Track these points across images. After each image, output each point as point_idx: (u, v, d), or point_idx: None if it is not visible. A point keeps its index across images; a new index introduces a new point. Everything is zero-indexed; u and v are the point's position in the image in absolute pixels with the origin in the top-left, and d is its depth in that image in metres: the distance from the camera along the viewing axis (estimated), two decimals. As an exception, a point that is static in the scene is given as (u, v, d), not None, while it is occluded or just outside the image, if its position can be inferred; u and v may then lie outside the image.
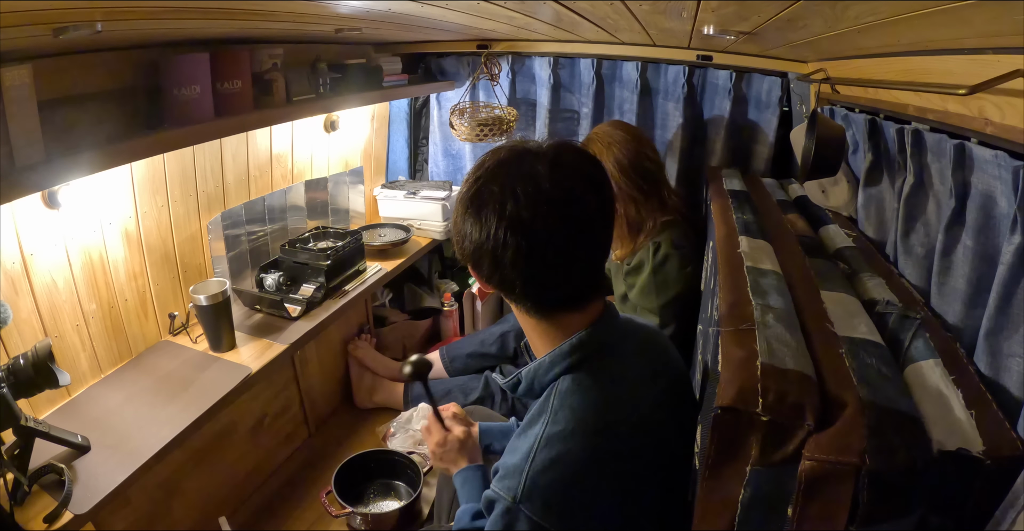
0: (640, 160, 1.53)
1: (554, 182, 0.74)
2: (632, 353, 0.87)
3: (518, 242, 0.74)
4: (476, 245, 0.77)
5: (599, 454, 0.76)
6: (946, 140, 0.94)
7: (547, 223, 0.74)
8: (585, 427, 0.76)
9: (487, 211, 0.75)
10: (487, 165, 0.79)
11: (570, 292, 0.81)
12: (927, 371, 0.75)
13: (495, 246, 0.75)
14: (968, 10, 0.58)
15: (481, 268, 0.80)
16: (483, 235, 0.76)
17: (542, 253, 0.75)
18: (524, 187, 0.74)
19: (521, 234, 0.74)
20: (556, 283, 0.79)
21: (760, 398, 0.63)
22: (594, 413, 0.78)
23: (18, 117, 0.95)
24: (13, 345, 1.20)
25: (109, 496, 1.10)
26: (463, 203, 0.79)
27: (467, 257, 0.81)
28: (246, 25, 1.25)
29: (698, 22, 1.15)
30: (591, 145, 1.58)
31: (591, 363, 0.81)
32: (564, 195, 0.75)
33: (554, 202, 0.74)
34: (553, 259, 0.76)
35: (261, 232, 1.86)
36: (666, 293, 1.51)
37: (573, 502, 0.74)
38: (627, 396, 0.82)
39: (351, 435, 1.95)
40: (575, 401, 0.78)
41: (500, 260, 0.76)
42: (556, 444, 0.75)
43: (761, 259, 1.03)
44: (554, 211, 0.74)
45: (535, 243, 0.74)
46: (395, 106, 2.43)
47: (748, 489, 0.66)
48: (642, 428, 0.81)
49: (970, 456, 0.61)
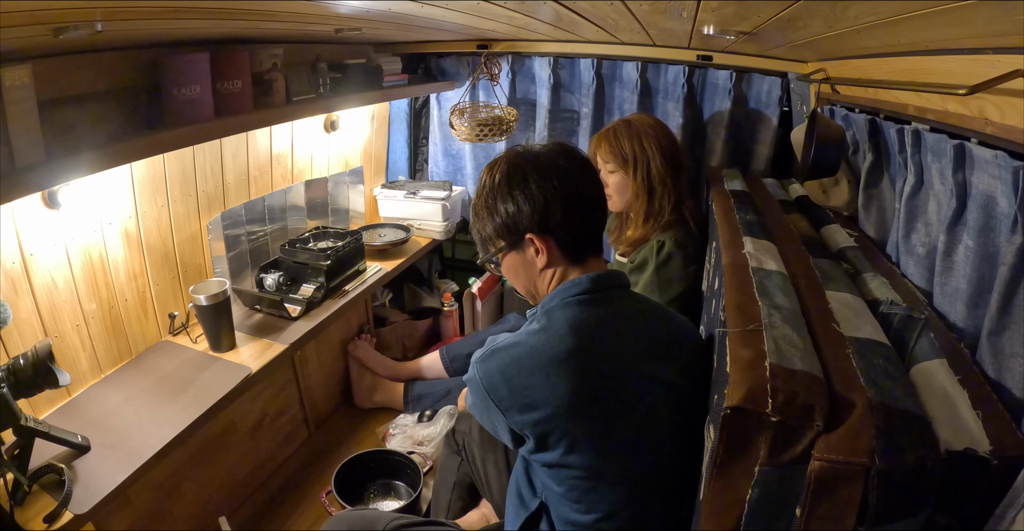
0: (674, 150, 1.57)
1: (565, 158, 0.97)
2: (632, 312, 0.98)
3: (555, 187, 0.93)
4: (516, 213, 0.94)
5: (565, 357, 0.85)
6: (946, 140, 0.94)
7: (569, 178, 0.94)
8: (562, 332, 0.88)
9: (524, 183, 0.94)
10: (499, 165, 0.98)
11: (592, 233, 0.99)
12: (933, 371, 0.75)
13: (540, 199, 0.93)
14: (968, 10, 0.58)
15: (520, 223, 0.95)
16: (526, 198, 0.93)
17: (576, 197, 0.94)
18: (544, 163, 0.95)
19: (558, 181, 0.93)
20: (584, 220, 0.96)
21: (770, 399, 0.63)
22: (579, 327, 0.89)
23: (18, 117, 0.95)
24: (13, 345, 1.20)
25: (109, 496, 1.09)
26: (497, 188, 0.96)
27: (497, 230, 0.98)
28: (246, 25, 1.25)
29: (698, 22, 1.15)
30: (634, 126, 1.59)
31: (591, 297, 0.93)
32: (576, 165, 0.97)
33: (571, 168, 0.96)
34: (580, 202, 0.95)
35: (261, 232, 1.86)
36: (669, 291, 1.52)
37: (515, 381, 0.86)
38: (617, 334, 0.92)
39: (351, 435, 1.95)
40: (567, 313, 0.91)
41: (543, 206, 0.93)
42: (533, 335, 0.89)
43: (766, 260, 1.03)
44: (572, 173, 0.95)
45: (570, 189, 0.93)
46: (395, 106, 2.43)
47: (756, 489, 0.66)
48: (622, 365, 0.90)
49: (977, 456, 0.61)
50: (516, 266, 1.00)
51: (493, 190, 0.96)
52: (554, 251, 0.96)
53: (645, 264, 1.56)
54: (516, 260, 0.99)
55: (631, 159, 1.56)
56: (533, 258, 0.97)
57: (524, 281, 1.02)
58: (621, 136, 1.58)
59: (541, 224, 0.94)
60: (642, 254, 1.58)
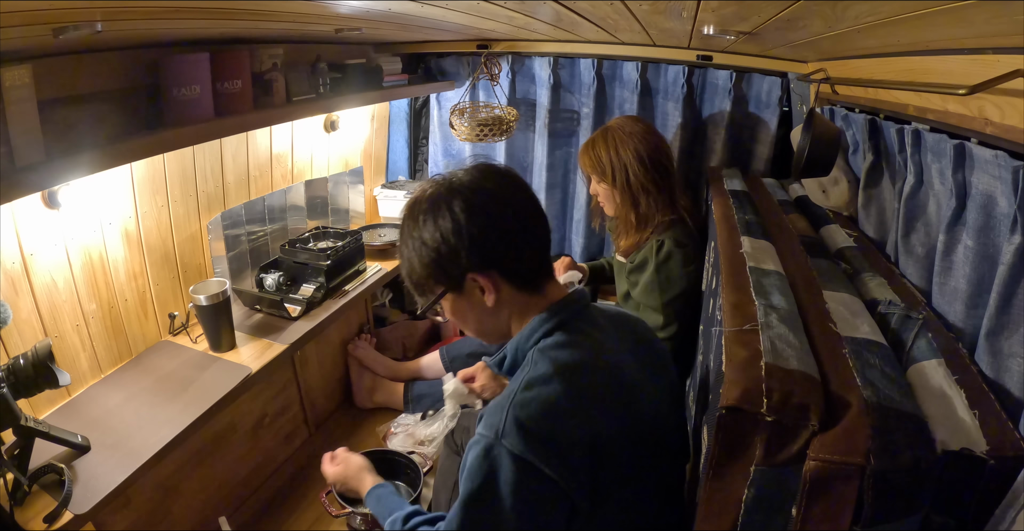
0: (657, 154, 1.55)
1: (492, 180, 0.87)
2: (606, 324, 0.93)
3: (488, 216, 0.83)
4: (449, 253, 0.84)
5: (576, 391, 0.79)
6: (946, 140, 0.94)
7: (502, 201, 0.85)
8: (563, 370, 0.80)
9: (452, 217, 0.83)
10: (420, 201, 0.87)
11: (541, 256, 0.90)
12: (930, 371, 0.75)
13: (471, 231, 0.82)
14: (968, 10, 0.58)
15: (456, 262, 0.84)
16: (457, 234, 0.83)
17: (514, 221, 0.85)
18: (471, 190, 0.85)
19: (491, 208, 0.84)
20: (528, 245, 0.87)
21: (765, 398, 0.63)
22: (572, 363, 0.82)
23: (18, 117, 0.95)
24: (13, 345, 1.20)
25: (109, 496, 1.10)
26: (422, 228, 0.85)
27: (432, 275, 0.87)
28: (246, 25, 1.25)
29: (698, 22, 1.15)
30: (611, 134, 1.59)
31: (568, 325, 0.87)
32: (506, 185, 0.88)
33: (501, 190, 0.87)
34: (519, 226, 0.86)
35: (261, 232, 1.86)
36: (669, 291, 1.52)
37: (551, 435, 0.76)
38: (605, 350, 0.87)
39: (351, 435, 1.95)
40: (554, 352, 0.83)
41: (478, 239, 0.83)
42: (536, 385, 0.79)
43: (763, 259, 1.03)
44: (503, 195, 0.87)
45: (505, 214, 0.85)
46: (395, 106, 2.43)
47: (752, 489, 0.66)
48: (622, 378, 0.86)
49: (974, 456, 0.61)
50: (463, 310, 0.90)
51: (419, 230, 0.85)
52: (503, 286, 0.86)
53: (645, 264, 1.56)
54: (461, 304, 0.89)
55: (609, 169, 1.56)
56: (480, 299, 0.87)
57: (475, 324, 0.93)
58: (598, 147, 1.59)
59: (481, 261, 0.84)
60: (642, 254, 1.58)
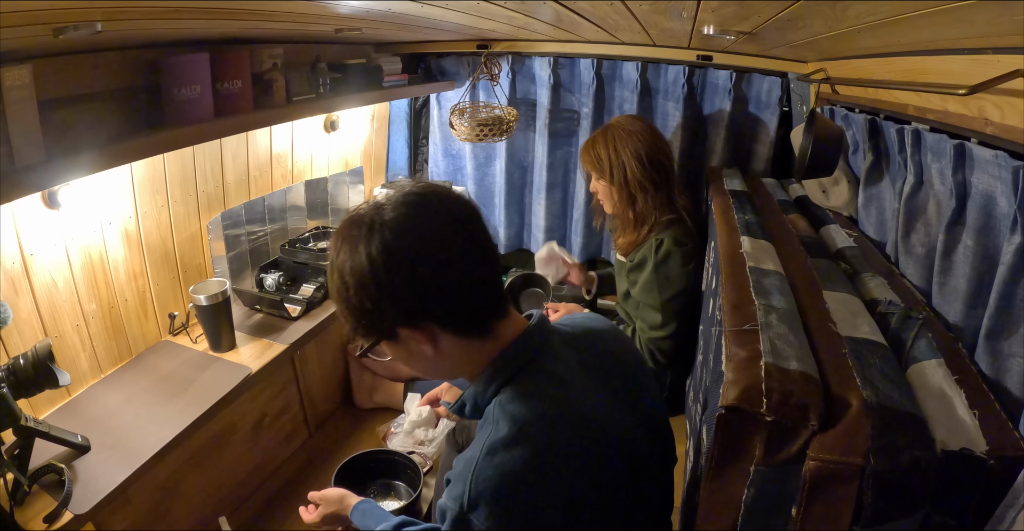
0: (655, 153, 1.56)
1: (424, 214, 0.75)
2: (572, 354, 0.84)
3: (416, 265, 0.72)
4: (373, 310, 0.74)
5: (541, 459, 0.73)
6: (946, 140, 0.94)
7: (433, 243, 0.73)
8: (526, 434, 0.73)
9: (372, 270, 0.72)
10: (340, 242, 0.76)
11: (488, 295, 0.79)
12: (930, 371, 0.75)
13: (393, 285, 0.72)
14: (968, 10, 0.58)
15: (381, 316, 0.75)
16: (380, 290, 0.73)
17: (449, 264, 0.74)
18: (395, 232, 0.72)
19: (418, 254, 0.72)
20: (470, 289, 0.76)
21: (764, 398, 0.63)
22: (535, 419, 0.74)
23: (18, 117, 0.95)
24: (13, 345, 1.20)
25: (109, 496, 1.10)
26: (341, 277, 0.75)
27: (359, 326, 0.77)
28: (246, 25, 1.25)
29: (698, 22, 1.15)
30: (610, 132, 1.60)
31: (527, 372, 0.78)
32: (439, 217, 0.75)
33: (432, 227, 0.74)
34: (458, 271, 0.74)
35: (261, 232, 1.86)
36: (668, 290, 1.53)
37: (519, 509, 0.71)
38: (571, 398, 0.78)
39: (351, 435, 1.95)
40: (515, 409, 0.75)
41: (401, 293, 0.73)
42: (498, 451, 0.72)
43: (763, 259, 1.03)
44: (434, 234, 0.74)
45: (436, 258, 0.73)
46: (395, 106, 2.43)
47: (752, 489, 0.66)
48: (591, 428, 0.78)
49: (974, 456, 0.61)
50: (404, 357, 0.82)
51: (342, 276, 0.75)
52: (441, 337, 0.77)
53: (644, 262, 1.56)
54: (400, 351, 0.81)
55: (607, 167, 1.58)
56: (418, 348, 0.78)
57: (422, 369, 0.85)
58: (598, 145, 1.60)
59: (408, 316, 0.75)
60: (641, 252, 1.58)
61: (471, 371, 0.82)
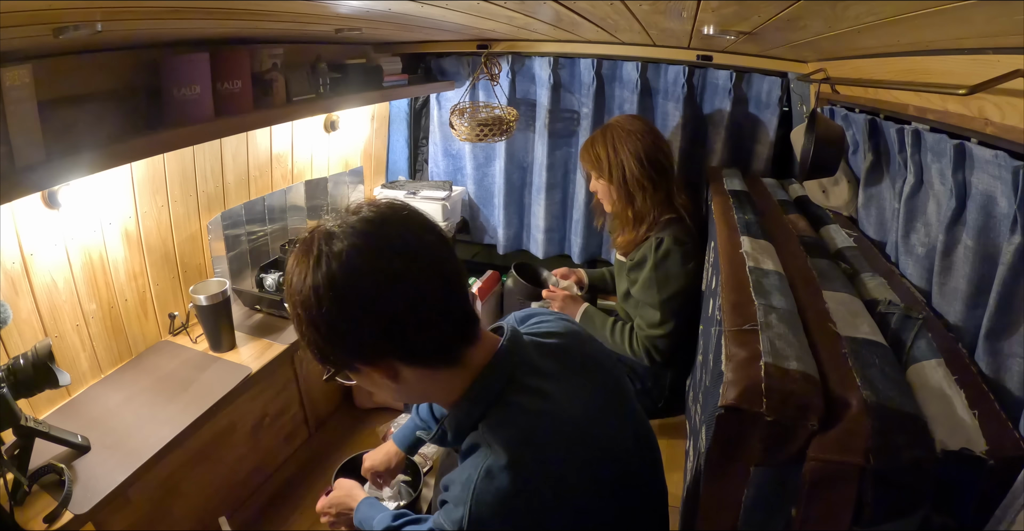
0: (654, 152, 1.57)
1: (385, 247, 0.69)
2: (551, 364, 0.82)
3: (371, 310, 0.68)
4: (327, 347, 0.71)
5: (539, 481, 0.71)
6: (946, 140, 0.94)
7: (394, 282, 0.68)
8: (522, 458, 0.71)
9: (316, 308, 0.68)
10: (298, 270, 0.71)
11: (455, 325, 0.74)
12: (929, 371, 0.75)
13: (341, 328, 0.69)
14: (968, 10, 0.58)
15: (337, 353, 0.73)
16: (331, 331, 0.69)
17: (409, 302, 0.69)
18: (348, 271, 0.67)
19: (373, 297, 0.67)
20: (434, 324, 0.71)
21: (764, 398, 0.63)
22: (529, 441, 0.73)
23: (18, 117, 0.95)
24: (13, 345, 1.20)
25: (109, 496, 1.10)
26: (296, 308, 0.71)
27: (311, 348, 0.74)
28: (246, 25, 1.25)
29: (698, 22, 1.15)
30: (610, 131, 1.61)
31: (509, 392, 0.76)
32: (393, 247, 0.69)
33: (389, 265, 0.68)
34: (420, 307, 0.69)
35: (261, 232, 1.86)
36: (667, 288, 1.53)
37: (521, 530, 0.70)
38: (558, 410, 0.77)
39: (351, 435, 1.95)
40: (506, 434, 0.73)
41: (352, 335, 0.69)
42: (496, 475, 0.70)
43: (763, 259, 1.03)
44: (390, 270, 0.68)
45: (394, 299, 0.68)
46: (395, 106, 2.43)
47: (751, 489, 0.66)
48: (582, 437, 0.77)
49: (973, 456, 0.61)
50: (366, 384, 0.79)
51: (294, 307, 0.71)
52: (403, 371, 0.74)
53: (644, 261, 1.57)
54: (362, 380, 0.78)
55: (606, 166, 1.59)
56: (381, 380, 0.75)
57: (391, 396, 0.83)
58: (597, 144, 1.61)
59: (365, 356, 0.72)
60: (641, 251, 1.59)
61: (444, 398, 0.79)
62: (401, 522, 0.92)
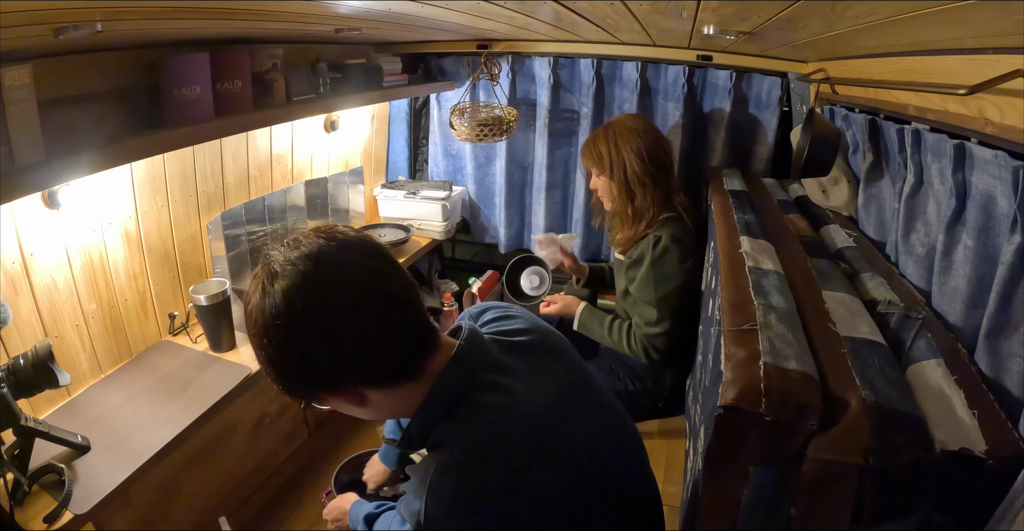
0: (656, 150, 1.58)
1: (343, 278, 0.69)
2: (512, 360, 0.82)
3: (326, 341, 0.68)
4: (279, 378, 0.74)
5: (498, 475, 0.72)
6: (946, 140, 0.94)
7: (353, 312, 0.68)
8: (481, 454, 0.72)
9: (263, 336, 0.69)
10: (254, 300, 0.71)
11: (410, 346, 0.74)
12: (929, 371, 0.75)
13: (292, 366, 0.71)
14: (968, 10, 0.58)
15: (295, 387, 0.75)
16: (285, 362, 0.71)
17: (364, 330, 0.69)
18: (308, 306, 0.67)
19: (327, 328, 0.68)
20: (389, 348, 0.71)
21: (763, 398, 0.63)
22: (489, 438, 0.74)
23: (18, 117, 0.95)
24: (13, 345, 1.20)
25: (109, 496, 1.10)
26: (254, 336, 0.72)
27: (271, 379, 0.76)
28: (246, 25, 1.25)
29: (698, 22, 1.15)
30: (612, 129, 1.62)
31: (470, 392, 0.76)
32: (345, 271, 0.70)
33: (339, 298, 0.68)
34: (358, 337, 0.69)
35: (261, 232, 1.85)
36: (665, 286, 1.53)
37: (478, 525, 0.71)
38: (520, 407, 0.77)
39: (351, 435, 1.95)
40: (466, 431, 0.74)
41: (302, 372, 0.71)
42: (452, 470, 0.71)
43: (763, 259, 1.03)
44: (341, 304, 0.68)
45: (348, 332, 0.68)
46: (395, 106, 2.43)
47: (751, 489, 0.66)
48: (544, 432, 0.77)
49: (973, 456, 0.61)
50: (338, 408, 0.80)
51: (254, 346, 0.74)
52: (365, 393, 0.75)
53: (642, 258, 1.57)
54: (332, 404, 0.80)
55: (607, 163, 1.60)
56: (349, 405, 0.77)
57: (360, 416, 0.82)
58: (599, 141, 1.62)
59: (329, 387, 0.74)
60: (639, 249, 1.59)
61: (411, 410, 0.79)
62: (381, 509, 1.00)
